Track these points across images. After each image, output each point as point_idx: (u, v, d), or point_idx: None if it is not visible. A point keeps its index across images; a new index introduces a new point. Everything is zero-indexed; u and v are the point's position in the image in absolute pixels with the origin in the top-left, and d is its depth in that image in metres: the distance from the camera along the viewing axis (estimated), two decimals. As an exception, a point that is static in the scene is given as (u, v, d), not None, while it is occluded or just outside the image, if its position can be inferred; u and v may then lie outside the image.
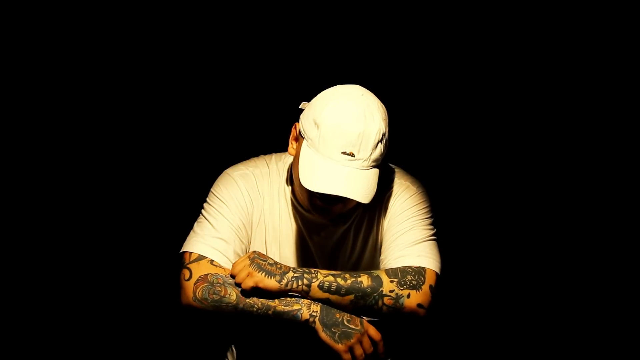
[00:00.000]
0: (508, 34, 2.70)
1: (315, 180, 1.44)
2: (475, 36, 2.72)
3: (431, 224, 1.62)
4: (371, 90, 1.56)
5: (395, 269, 1.52)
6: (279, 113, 2.07)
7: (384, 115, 1.51)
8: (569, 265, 2.81)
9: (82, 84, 2.70)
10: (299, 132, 1.54)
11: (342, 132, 1.44)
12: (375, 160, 1.48)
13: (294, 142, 1.58)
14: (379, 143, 1.47)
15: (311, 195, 1.52)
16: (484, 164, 2.82)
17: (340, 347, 1.46)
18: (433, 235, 1.60)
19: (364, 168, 1.47)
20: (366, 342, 1.48)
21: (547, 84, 2.74)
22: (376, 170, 1.49)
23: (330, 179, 1.44)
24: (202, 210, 1.61)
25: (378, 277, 1.49)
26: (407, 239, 1.57)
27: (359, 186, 1.45)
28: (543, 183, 2.80)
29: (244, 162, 1.70)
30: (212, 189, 1.64)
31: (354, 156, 1.45)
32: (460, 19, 2.71)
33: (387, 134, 1.50)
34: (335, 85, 1.56)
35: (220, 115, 2.77)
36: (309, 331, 1.47)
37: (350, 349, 1.46)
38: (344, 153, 1.45)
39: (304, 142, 1.50)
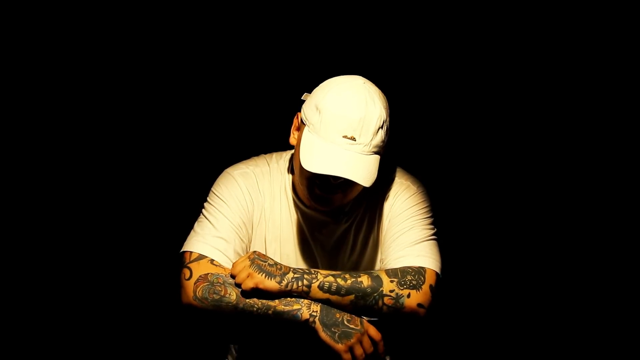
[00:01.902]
0: (507, 33, 2.70)
1: (315, 162, 1.45)
2: (475, 35, 2.72)
3: (431, 223, 1.62)
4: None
5: (395, 269, 1.52)
6: (279, 113, 2.07)
7: (385, 104, 1.52)
8: (568, 265, 2.81)
9: (83, 85, 2.70)
10: (301, 119, 1.55)
11: (343, 116, 1.46)
12: (376, 146, 1.49)
13: (295, 132, 1.59)
14: (380, 129, 1.48)
15: (311, 183, 1.53)
16: (483, 164, 2.81)
17: (340, 347, 1.46)
18: (433, 235, 1.61)
19: (365, 153, 1.47)
20: (366, 341, 1.48)
21: (547, 84, 2.74)
22: (377, 157, 1.50)
23: (330, 161, 1.45)
24: (203, 210, 1.62)
25: (378, 277, 1.49)
26: (407, 239, 1.57)
27: (359, 170, 1.46)
28: (542, 183, 2.80)
29: (244, 161, 1.70)
30: (212, 188, 1.64)
31: (355, 140, 1.46)
32: (460, 19, 2.71)
33: (388, 122, 1.52)
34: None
35: (220, 115, 2.77)
36: (309, 331, 1.48)
37: (350, 349, 1.47)
38: (345, 137, 1.46)
39: (306, 128, 1.51)
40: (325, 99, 1.48)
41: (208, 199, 1.63)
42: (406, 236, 1.57)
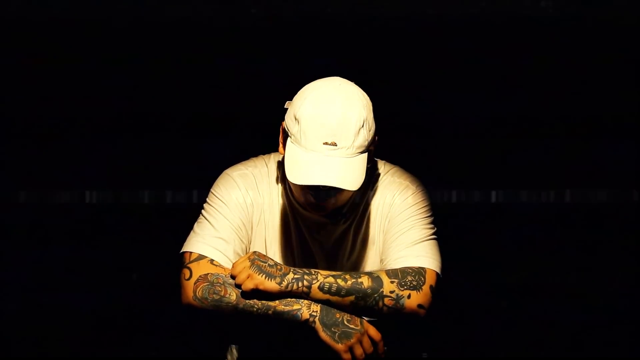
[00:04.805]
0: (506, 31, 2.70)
1: (299, 173, 1.46)
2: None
3: (431, 222, 1.62)
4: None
5: (396, 269, 1.52)
6: (278, 113, 2.07)
7: (364, 102, 1.52)
8: (568, 264, 2.81)
9: (82, 84, 2.70)
10: (284, 130, 1.55)
11: (321, 123, 1.45)
12: (360, 147, 1.48)
13: (282, 142, 1.59)
14: (361, 129, 1.48)
15: (303, 192, 1.53)
16: (483, 162, 2.81)
17: (340, 347, 1.47)
18: (433, 234, 1.61)
19: (349, 156, 1.47)
20: (366, 342, 1.48)
21: (546, 82, 2.74)
22: (363, 156, 1.49)
23: (313, 171, 1.45)
24: (202, 211, 1.62)
25: (378, 277, 1.49)
26: (407, 239, 1.57)
27: (344, 174, 1.45)
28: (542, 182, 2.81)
29: (243, 162, 1.71)
30: (211, 189, 1.64)
31: (337, 145, 1.46)
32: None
33: (370, 120, 1.51)
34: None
35: (219, 115, 2.77)
36: (309, 331, 1.48)
37: (350, 349, 1.47)
38: (326, 143, 1.46)
39: (289, 139, 1.51)
40: (302, 108, 1.49)
41: (207, 200, 1.63)
42: (406, 236, 1.57)
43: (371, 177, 1.67)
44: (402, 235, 1.58)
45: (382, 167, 1.70)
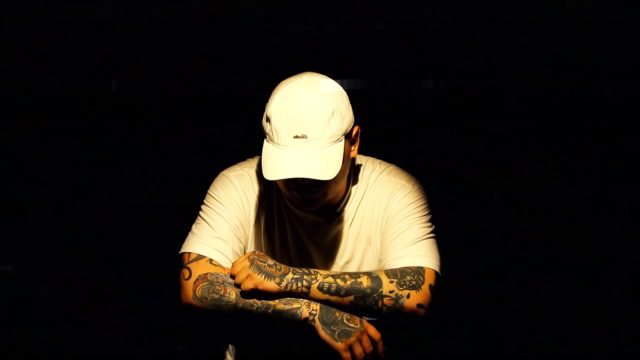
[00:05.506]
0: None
1: (272, 169, 1.47)
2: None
3: (428, 221, 1.63)
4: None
5: (395, 269, 1.53)
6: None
7: (334, 92, 1.52)
8: (568, 263, 2.81)
9: (81, 83, 2.71)
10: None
11: (289, 118, 1.47)
12: (333, 137, 1.49)
13: None
14: (332, 118, 1.48)
15: (288, 189, 1.54)
16: (481, 161, 2.82)
17: (339, 345, 1.48)
18: (431, 233, 1.62)
19: (321, 147, 1.47)
20: (366, 341, 1.49)
21: (545, 81, 2.74)
22: (338, 146, 1.49)
23: (285, 165, 1.46)
24: (200, 212, 1.64)
25: (377, 277, 1.50)
26: (405, 239, 1.58)
27: (316, 165, 1.46)
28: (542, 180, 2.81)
29: (239, 163, 1.72)
30: (209, 191, 1.65)
31: (307, 137, 1.46)
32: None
33: (343, 109, 1.51)
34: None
35: (217, 116, 2.78)
36: (309, 330, 1.49)
37: (350, 348, 1.48)
38: (297, 137, 1.47)
39: (264, 139, 1.53)
40: (271, 106, 1.50)
41: (205, 201, 1.64)
42: (404, 236, 1.58)
43: (358, 172, 1.68)
44: (400, 234, 1.59)
45: (378, 166, 1.71)
